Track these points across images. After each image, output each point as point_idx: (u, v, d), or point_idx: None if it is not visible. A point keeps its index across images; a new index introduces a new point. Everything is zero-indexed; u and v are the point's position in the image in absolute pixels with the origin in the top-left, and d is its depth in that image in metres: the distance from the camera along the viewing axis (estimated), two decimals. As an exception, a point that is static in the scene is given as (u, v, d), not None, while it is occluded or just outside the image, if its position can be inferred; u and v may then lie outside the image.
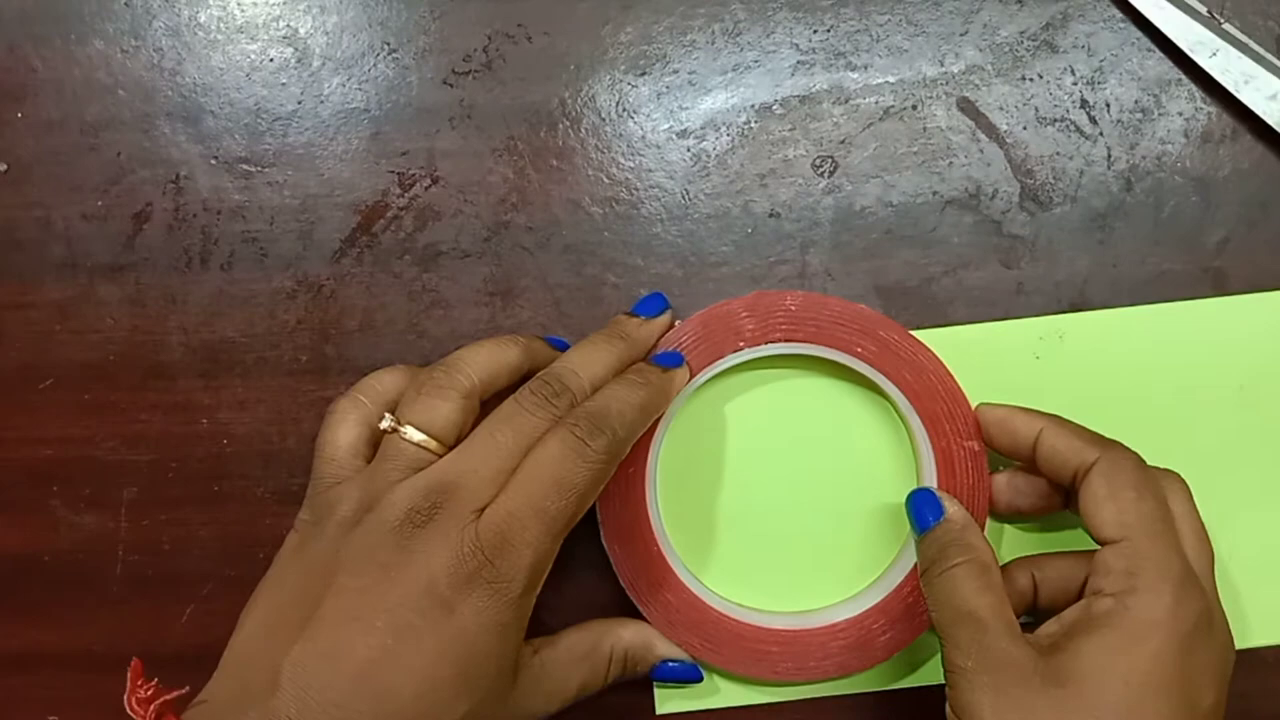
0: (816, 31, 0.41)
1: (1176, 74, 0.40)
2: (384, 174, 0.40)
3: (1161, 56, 0.40)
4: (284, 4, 0.41)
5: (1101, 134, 0.40)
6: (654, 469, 0.38)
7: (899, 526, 0.40)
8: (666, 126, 0.41)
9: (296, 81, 0.41)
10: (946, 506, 0.36)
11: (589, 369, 0.35)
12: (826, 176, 0.40)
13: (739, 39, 0.41)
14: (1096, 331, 0.40)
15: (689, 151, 0.40)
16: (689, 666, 0.38)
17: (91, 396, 0.40)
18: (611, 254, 0.40)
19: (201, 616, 0.40)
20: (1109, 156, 0.40)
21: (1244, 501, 0.40)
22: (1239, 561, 0.39)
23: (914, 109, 0.40)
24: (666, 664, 0.38)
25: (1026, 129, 0.40)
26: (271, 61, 0.41)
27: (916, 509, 0.37)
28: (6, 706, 0.40)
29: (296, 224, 0.40)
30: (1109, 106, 0.40)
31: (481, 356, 0.35)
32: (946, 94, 0.40)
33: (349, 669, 0.30)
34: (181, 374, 0.40)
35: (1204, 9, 0.40)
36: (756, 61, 0.41)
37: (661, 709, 0.39)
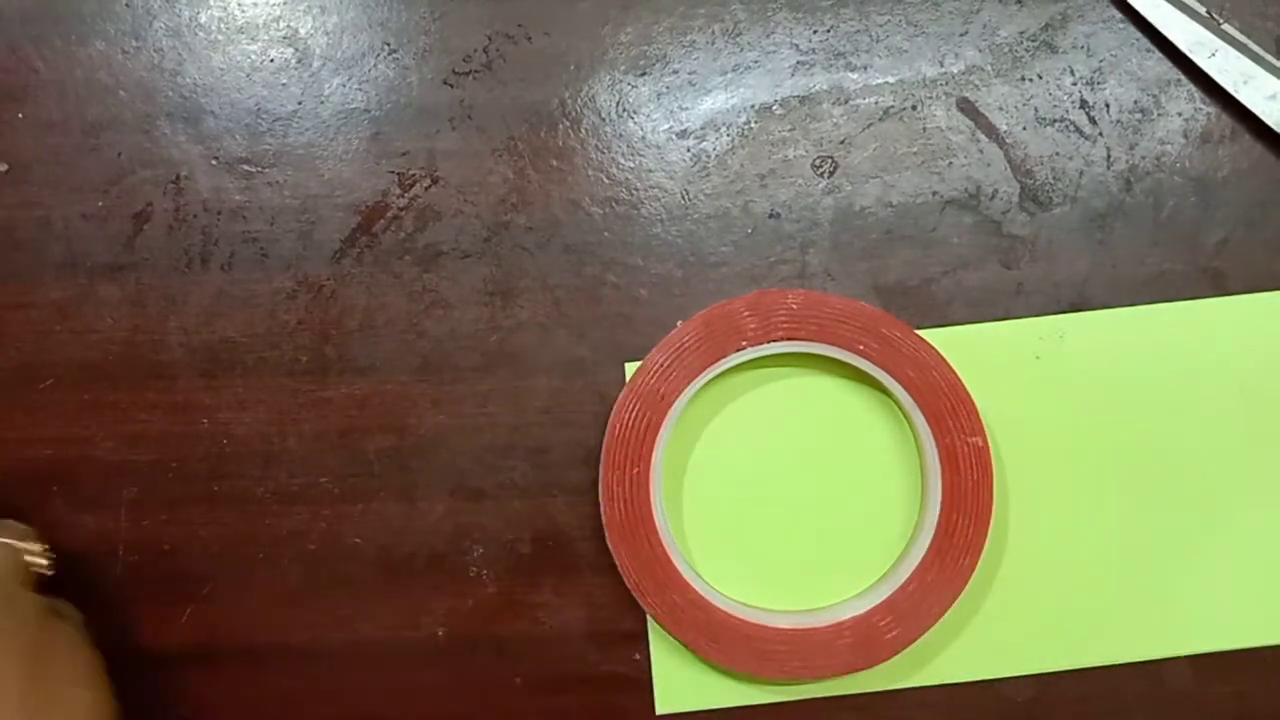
0: (816, 32, 0.41)
1: (1176, 74, 0.40)
2: (384, 174, 0.40)
3: (1161, 57, 0.40)
4: (284, 4, 0.41)
5: (1101, 134, 0.40)
6: (658, 469, 0.38)
7: (903, 524, 0.40)
8: (666, 126, 0.41)
9: (297, 82, 0.41)
10: None
11: None
12: (826, 176, 0.40)
13: (739, 39, 0.41)
14: (1097, 331, 0.40)
15: (689, 151, 0.41)
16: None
17: (91, 396, 0.40)
18: (611, 254, 0.40)
19: (201, 616, 0.40)
20: (1109, 157, 0.40)
21: (1244, 501, 0.40)
22: (1238, 561, 0.39)
23: (914, 109, 0.40)
24: None
25: (1026, 129, 0.40)
26: (272, 62, 0.41)
27: None
28: (6, 707, 0.40)
29: (297, 224, 0.40)
30: (1109, 107, 0.40)
31: None
32: (946, 94, 0.40)
33: None
34: (181, 374, 0.40)
35: (1203, 9, 0.40)
36: (756, 61, 0.41)
37: (661, 709, 0.39)
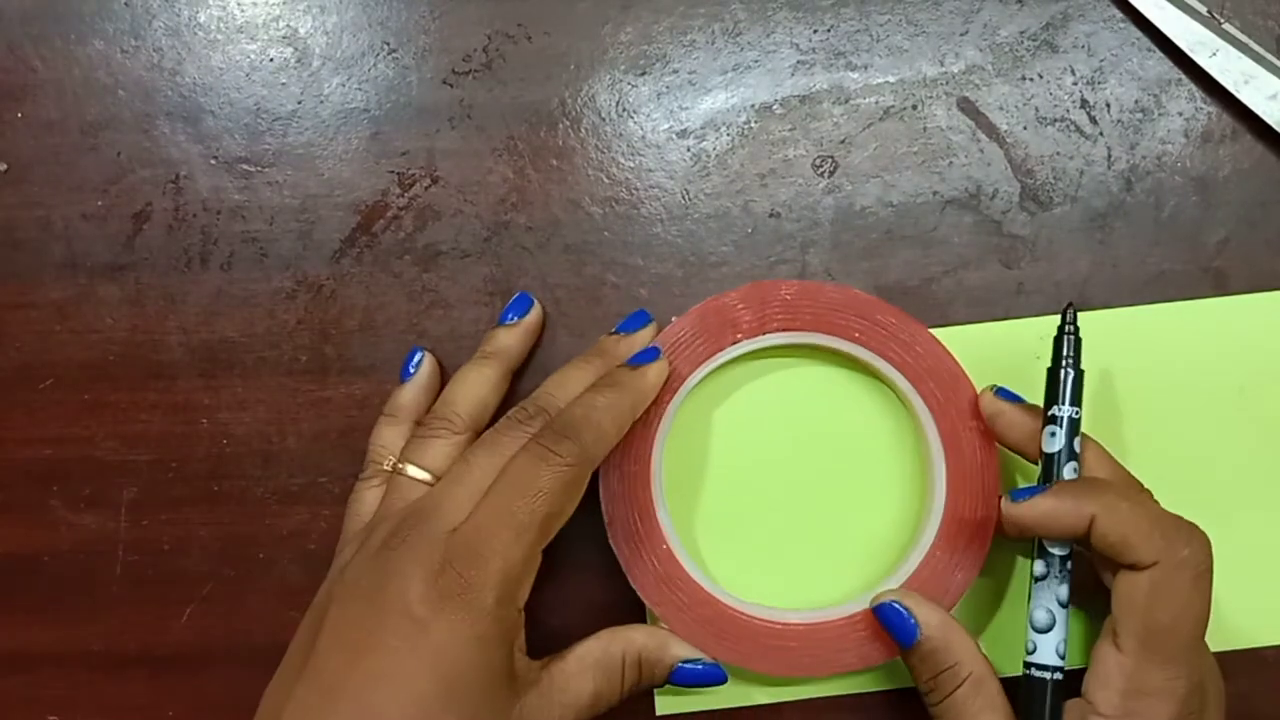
0: (816, 31, 0.41)
1: (1176, 74, 0.40)
2: (384, 174, 0.40)
3: (1161, 56, 0.40)
4: (284, 4, 0.41)
5: (1101, 134, 0.40)
6: (658, 467, 0.38)
7: (910, 512, 0.40)
8: (666, 126, 0.41)
9: (296, 81, 0.41)
10: (920, 620, 0.35)
11: (564, 390, 0.36)
12: (826, 176, 0.40)
13: (739, 39, 0.41)
14: (1097, 331, 0.40)
15: (689, 151, 0.40)
16: (711, 667, 0.37)
17: (91, 396, 0.40)
18: (611, 254, 0.40)
19: (201, 616, 0.40)
20: (1109, 156, 0.40)
21: (1244, 501, 0.40)
22: (1239, 562, 0.39)
23: (914, 109, 0.40)
24: (685, 666, 0.37)
25: (1026, 129, 0.40)
26: (271, 61, 0.41)
27: (891, 627, 0.35)
28: (6, 706, 0.40)
29: (296, 224, 0.40)
30: (1109, 106, 0.40)
31: (464, 392, 0.37)
32: (946, 94, 0.40)
33: (343, 700, 0.31)
34: (181, 374, 0.40)
35: (1204, 9, 0.40)
36: (756, 61, 0.41)
37: (662, 709, 0.39)
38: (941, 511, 0.38)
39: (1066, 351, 0.35)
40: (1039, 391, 0.37)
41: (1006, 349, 0.40)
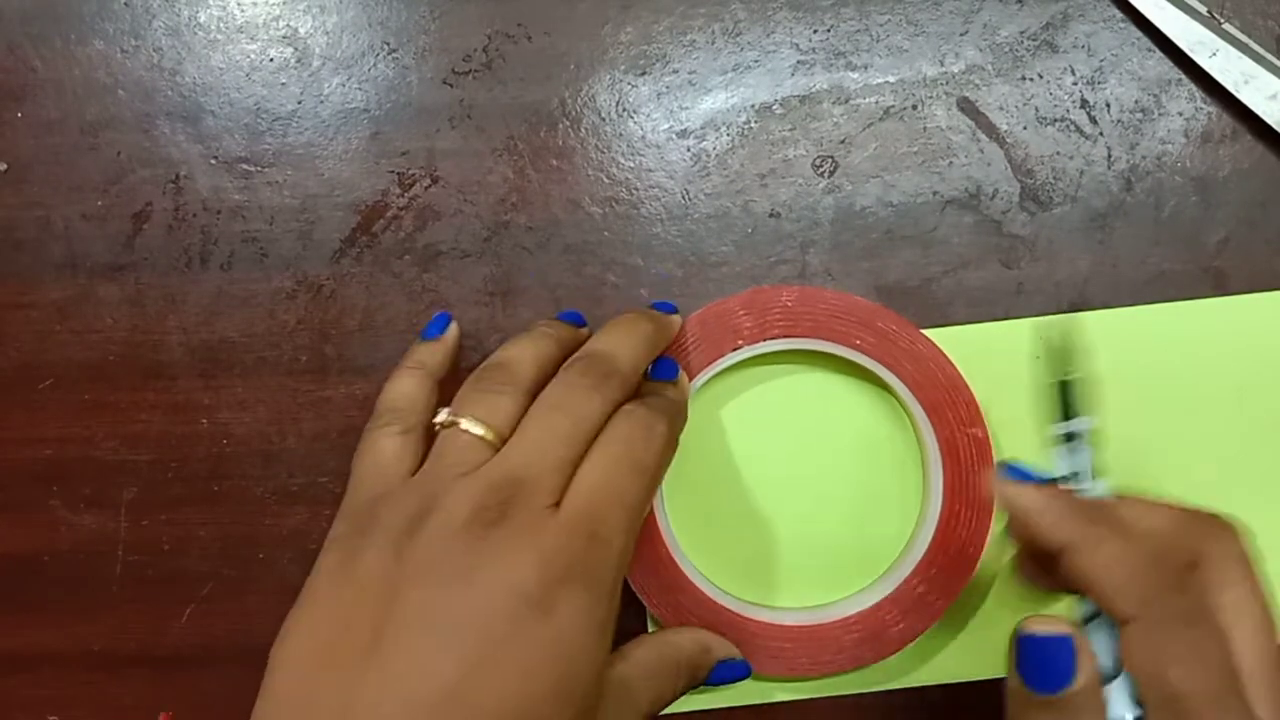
0: (816, 31, 0.41)
1: (1176, 74, 0.40)
2: (384, 174, 0.40)
3: (1161, 56, 0.40)
4: (284, 4, 0.41)
5: (1101, 134, 0.40)
6: None
7: (906, 517, 0.40)
8: (666, 126, 0.41)
9: (296, 81, 0.41)
10: (1082, 667, 0.28)
11: (628, 351, 0.34)
12: (826, 176, 0.40)
13: (739, 39, 0.41)
14: (1098, 331, 0.40)
15: (689, 151, 0.40)
16: (741, 663, 0.37)
17: (91, 396, 0.40)
18: (611, 254, 0.40)
19: (201, 616, 0.40)
20: (1109, 156, 0.40)
21: (1244, 502, 0.40)
22: (1239, 561, 0.39)
23: (914, 109, 0.40)
24: (721, 665, 0.36)
25: (1026, 129, 0.40)
26: (271, 61, 0.41)
27: (1043, 659, 0.28)
28: (6, 706, 0.40)
29: (296, 224, 0.40)
30: (1109, 106, 0.40)
31: (529, 352, 0.34)
32: (946, 94, 0.40)
33: (434, 696, 0.26)
34: (181, 374, 0.40)
35: (1204, 9, 0.40)
36: (756, 61, 0.41)
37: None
38: (938, 517, 0.38)
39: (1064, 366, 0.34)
40: (1036, 391, 0.36)
41: (1006, 349, 0.40)
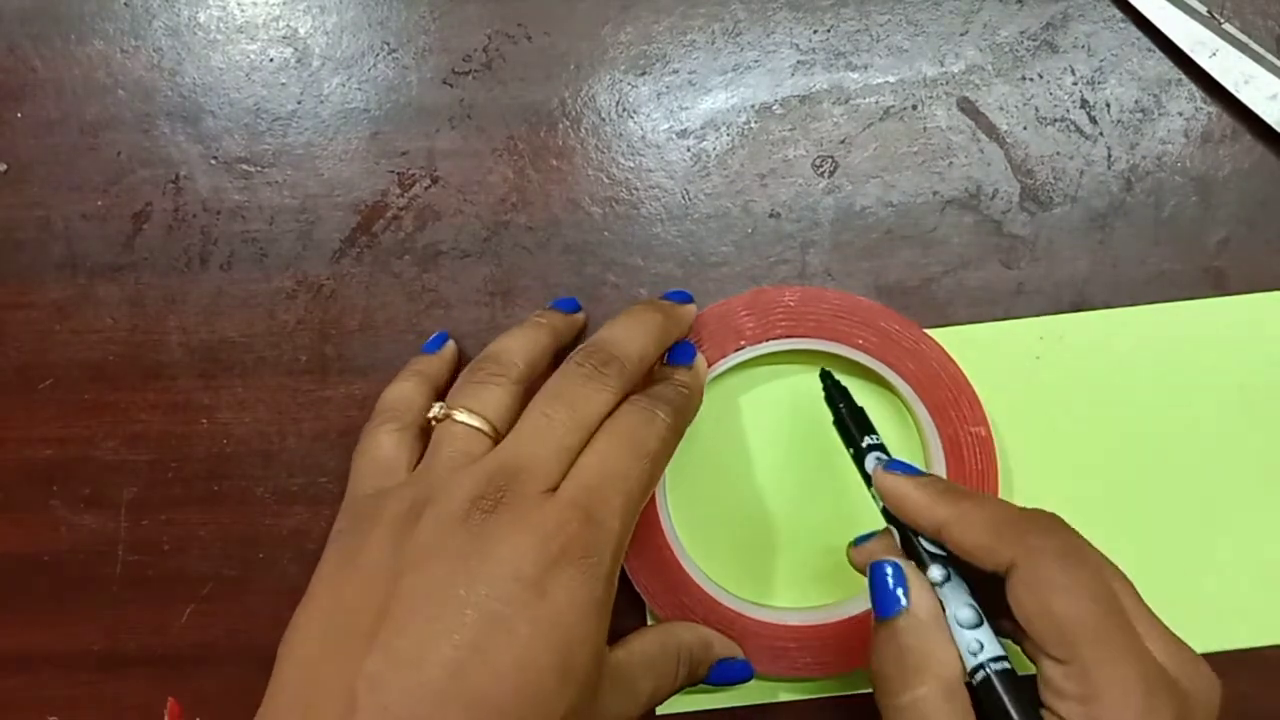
0: (816, 31, 0.41)
1: (1176, 74, 0.40)
2: (384, 174, 0.40)
3: (1161, 56, 0.40)
4: (284, 4, 0.41)
5: (1101, 134, 0.40)
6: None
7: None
8: (666, 126, 0.41)
9: (296, 81, 0.41)
10: (913, 594, 0.30)
11: (631, 340, 0.34)
12: (826, 176, 0.40)
13: (739, 39, 0.41)
14: (1097, 332, 0.40)
15: (689, 151, 0.40)
16: (743, 664, 0.37)
17: (91, 396, 0.40)
18: (611, 254, 0.40)
19: (201, 616, 0.40)
20: (1109, 156, 0.40)
21: (1244, 502, 0.40)
22: (1239, 562, 0.39)
23: (914, 109, 0.40)
24: (722, 664, 0.36)
25: (1026, 129, 0.40)
26: (271, 61, 0.41)
27: (877, 588, 0.30)
28: (6, 706, 0.40)
29: (296, 224, 0.40)
30: (1109, 106, 0.40)
31: (519, 344, 0.35)
32: (946, 94, 0.40)
33: (435, 675, 0.27)
34: (181, 374, 0.40)
35: (1204, 9, 0.40)
36: (756, 61, 0.41)
37: (661, 709, 0.39)
38: None
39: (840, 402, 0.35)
40: (1037, 391, 0.36)
41: (1007, 349, 0.40)
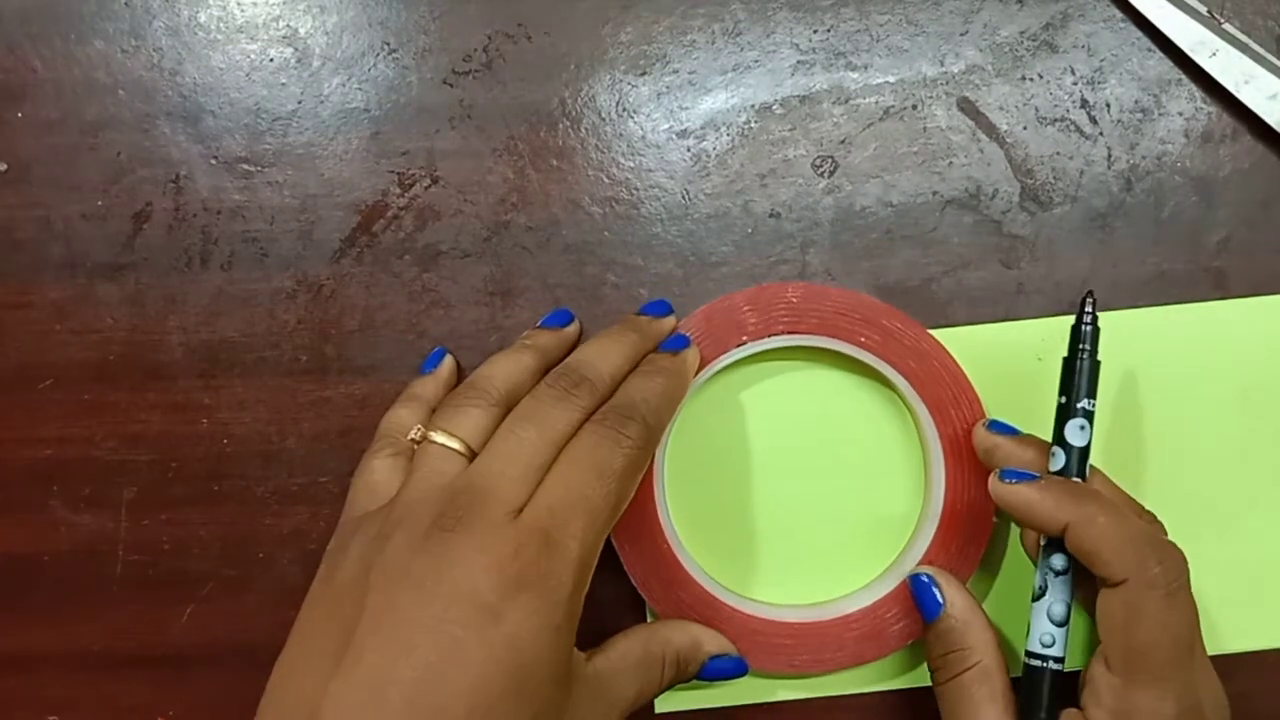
0: (816, 31, 0.41)
1: (1176, 74, 0.40)
2: (384, 174, 0.40)
3: (1162, 56, 0.40)
4: (284, 4, 0.41)
5: (1101, 134, 0.40)
6: (661, 466, 0.38)
7: (908, 515, 0.40)
8: (666, 126, 0.41)
9: (296, 81, 0.41)
10: (946, 596, 0.36)
11: (604, 360, 0.35)
12: (826, 176, 0.40)
13: (739, 39, 0.41)
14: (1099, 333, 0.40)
15: (689, 151, 0.40)
16: (737, 660, 0.37)
17: (91, 396, 0.40)
18: (611, 254, 0.40)
19: (201, 616, 0.40)
20: (1109, 156, 0.40)
21: (1247, 505, 0.40)
22: (1241, 565, 0.39)
23: (914, 109, 0.40)
24: (714, 661, 0.37)
25: (1027, 129, 0.40)
26: (271, 61, 0.41)
27: (919, 599, 0.37)
28: (6, 706, 0.40)
29: (296, 224, 0.40)
30: (1109, 106, 0.40)
31: (501, 369, 0.35)
32: (946, 94, 0.40)
33: (393, 696, 0.28)
34: (181, 374, 0.40)
35: (1204, 9, 0.40)
36: (756, 61, 0.41)
37: (661, 708, 0.39)
38: (939, 515, 0.38)
39: (1083, 343, 0.35)
40: (1038, 392, 0.37)
41: (1009, 351, 0.40)
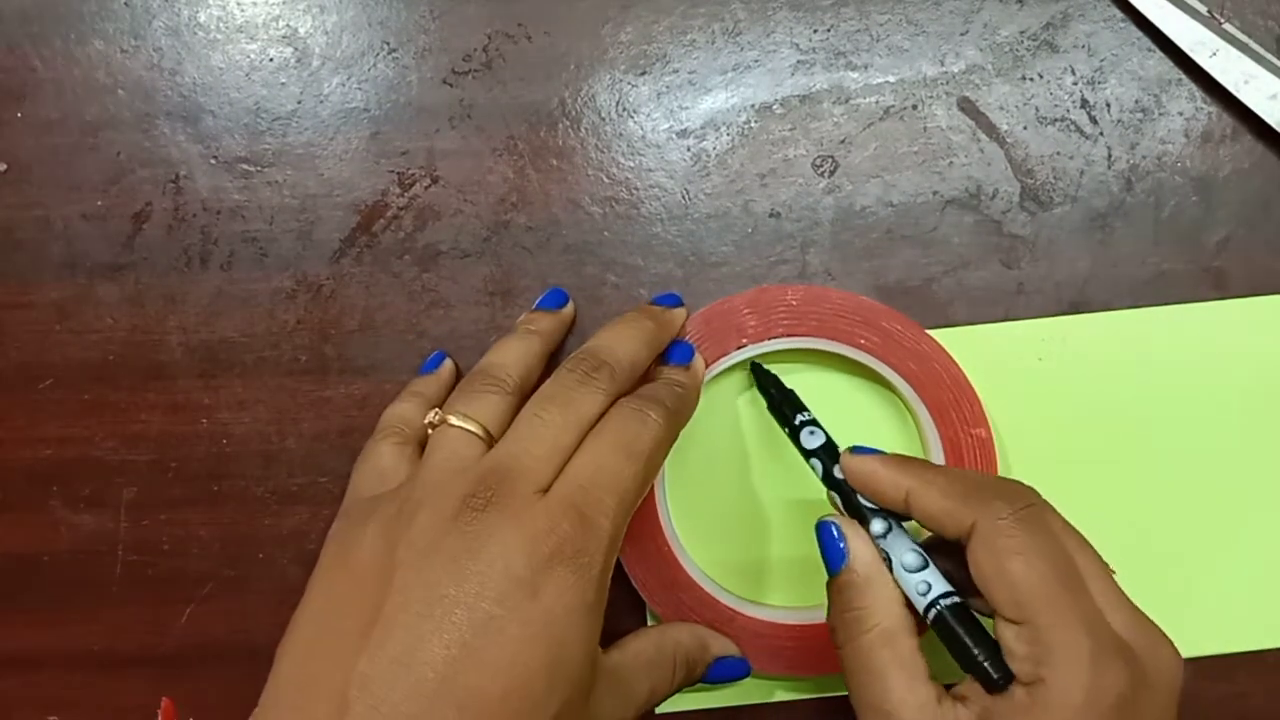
0: (817, 31, 0.41)
1: (1176, 74, 0.40)
2: (384, 174, 0.40)
3: (1162, 56, 0.40)
4: (284, 4, 0.41)
5: (1102, 134, 0.40)
6: (662, 468, 0.38)
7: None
8: (666, 126, 0.41)
9: (296, 81, 0.41)
10: (851, 550, 0.32)
11: (621, 345, 0.35)
12: (827, 176, 0.40)
13: (739, 39, 0.41)
14: (1100, 334, 0.40)
15: (689, 151, 0.40)
16: (740, 662, 0.37)
17: (91, 396, 0.40)
18: (611, 254, 0.40)
19: (201, 616, 0.40)
20: (1109, 156, 0.40)
21: (1247, 504, 0.40)
22: (1240, 564, 0.39)
23: (914, 109, 0.40)
24: (720, 662, 0.37)
25: (1027, 129, 0.40)
26: (271, 61, 0.41)
27: (823, 549, 0.33)
28: (6, 706, 0.40)
29: (296, 224, 0.40)
30: (1109, 106, 0.40)
31: (511, 354, 0.36)
32: (947, 94, 0.40)
33: (427, 674, 0.27)
34: (181, 374, 0.40)
35: (1204, 9, 0.40)
36: (757, 61, 0.41)
37: (662, 709, 0.39)
38: None
39: (772, 389, 0.37)
40: (1041, 393, 0.36)
41: (1009, 351, 0.40)
